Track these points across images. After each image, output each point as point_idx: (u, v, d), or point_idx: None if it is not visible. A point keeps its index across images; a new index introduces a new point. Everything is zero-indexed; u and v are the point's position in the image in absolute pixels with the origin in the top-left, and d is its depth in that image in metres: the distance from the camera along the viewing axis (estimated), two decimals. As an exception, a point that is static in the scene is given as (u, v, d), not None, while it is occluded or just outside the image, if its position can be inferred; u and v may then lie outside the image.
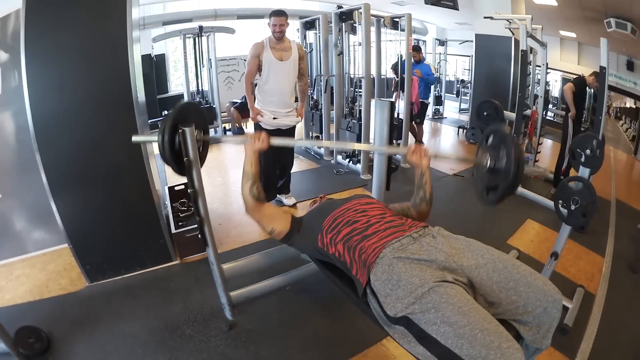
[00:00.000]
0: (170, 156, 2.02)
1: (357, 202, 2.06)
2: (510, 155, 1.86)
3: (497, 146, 1.99)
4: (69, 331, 2.59)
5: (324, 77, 6.05)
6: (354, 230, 1.84)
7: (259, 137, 2.20)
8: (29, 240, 3.47)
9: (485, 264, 1.58)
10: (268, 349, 2.50)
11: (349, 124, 5.81)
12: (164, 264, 3.31)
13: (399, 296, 1.48)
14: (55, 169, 2.74)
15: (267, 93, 3.93)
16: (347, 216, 1.95)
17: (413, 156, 2.10)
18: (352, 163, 5.89)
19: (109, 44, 2.76)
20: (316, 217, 2.12)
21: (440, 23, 11.44)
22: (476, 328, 1.30)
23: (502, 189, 1.93)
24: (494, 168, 1.99)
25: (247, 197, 2.19)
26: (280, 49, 3.82)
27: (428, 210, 2.17)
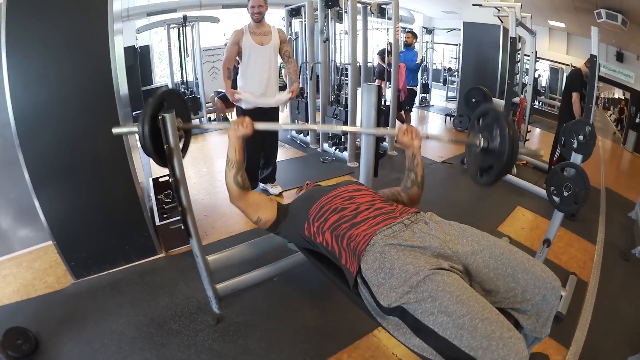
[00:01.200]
0: (152, 147, 1.97)
1: (344, 188, 2.01)
2: (504, 133, 1.83)
3: (490, 125, 1.95)
4: (56, 330, 2.54)
5: (309, 65, 6.02)
6: (341, 217, 1.78)
7: (243, 122, 2.11)
8: (15, 239, 3.41)
9: (482, 251, 1.52)
10: (257, 342, 2.45)
11: (335, 111, 5.78)
12: (149, 258, 3.26)
13: (393, 285, 1.42)
14: (38, 164, 2.68)
15: (248, 78, 3.87)
16: (334, 203, 1.88)
17: (404, 137, 2.08)
18: (339, 151, 5.87)
19: (90, 36, 2.69)
20: (303, 204, 2.06)
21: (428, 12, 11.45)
22: (476, 317, 1.24)
23: (497, 169, 1.91)
24: (487, 148, 1.95)
25: (231, 186, 2.12)
26: (260, 34, 3.76)
27: (419, 194, 2.14)
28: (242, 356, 2.35)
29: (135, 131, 1.99)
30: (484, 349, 1.19)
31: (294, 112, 6.66)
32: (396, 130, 2.10)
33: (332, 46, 5.95)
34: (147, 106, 1.97)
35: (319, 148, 6.32)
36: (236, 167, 2.11)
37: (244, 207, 2.17)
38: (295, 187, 4.33)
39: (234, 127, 2.11)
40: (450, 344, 1.26)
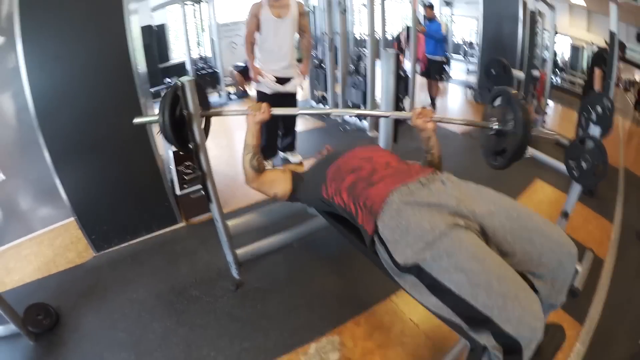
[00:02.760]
0: (172, 135, 2.02)
1: (361, 149, 2.01)
2: (519, 117, 1.83)
3: (504, 109, 1.95)
4: (76, 304, 2.60)
5: (327, 36, 5.95)
6: (358, 177, 1.78)
7: (260, 107, 2.12)
8: (36, 219, 3.45)
9: (499, 212, 1.48)
10: (275, 307, 2.49)
11: (354, 81, 5.73)
12: (169, 227, 3.31)
13: (409, 242, 1.41)
14: (57, 143, 2.71)
15: (267, 51, 3.86)
16: (350, 164, 1.88)
17: (418, 119, 2.02)
18: (359, 120, 5.84)
19: (106, 16, 2.70)
20: (320, 167, 2.07)
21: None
22: (492, 276, 1.24)
23: (511, 153, 1.92)
24: (501, 131, 1.95)
25: (247, 169, 2.15)
26: (278, 7, 3.72)
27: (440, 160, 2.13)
28: (260, 321, 2.39)
29: (155, 120, 2.03)
30: (499, 308, 1.19)
31: (313, 82, 6.59)
32: (410, 113, 2.05)
33: (351, 18, 5.88)
34: (166, 96, 2.00)
35: (339, 118, 6.26)
36: (253, 152, 2.13)
37: (259, 187, 2.21)
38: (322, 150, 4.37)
39: (252, 113, 2.12)
40: (466, 303, 1.26)
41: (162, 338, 2.32)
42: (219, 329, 2.36)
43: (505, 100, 1.98)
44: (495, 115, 2.00)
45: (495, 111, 2.02)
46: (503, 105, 1.98)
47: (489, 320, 1.22)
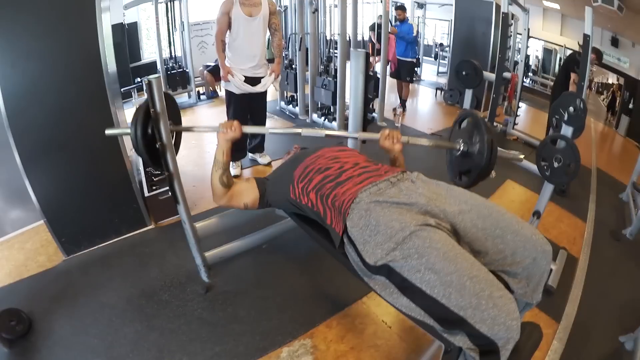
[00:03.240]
0: (144, 149, 2.02)
1: (328, 149, 1.99)
2: (484, 140, 1.83)
3: (471, 131, 1.97)
4: (49, 309, 2.54)
5: (298, 36, 5.94)
6: (326, 177, 1.76)
7: (232, 125, 2.07)
8: (7, 221, 3.37)
9: (469, 210, 1.48)
10: (246, 310, 2.46)
11: (324, 82, 5.71)
12: (138, 230, 3.26)
13: (378, 242, 1.40)
14: (27, 143, 2.65)
15: (237, 50, 3.82)
16: (318, 164, 1.86)
17: (386, 141, 2.02)
18: (328, 121, 5.87)
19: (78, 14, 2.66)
20: (287, 168, 2.05)
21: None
22: (464, 275, 1.22)
23: (475, 174, 1.94)
24: (467, 152, 1.98)
25: (216, 186, 2.07)
26: (249, 5, 3.68)
27: None
28: (231, 324, 2.36)
29: (127, 132, 2.02)
30: (473, 308, 1.18)
31: (283, 83, 6.57)
32: (378, 134, 2.05)
33: (322, 18, 5.90)
34: (139, 110, 1.99)
35: (308, 118, 6.28)
36: (222, 169, 2.06)
37: (228, 202, 2.14)
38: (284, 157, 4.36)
39: (223, 131, 2.07)
40: (438, 303, 1.24)
41: (134, 343, 2.27)
42: (190, 333, 2.32)
43: (472, 123, 1.99)
44: (461, 136, 2.02)
45: (462, 132, 2.04)
46: (470, 127, 2.00)
47: (463, 321, 1.20)
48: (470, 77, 4.90)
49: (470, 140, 1.95)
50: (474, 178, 1.96)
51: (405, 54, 6.78)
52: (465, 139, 1.98)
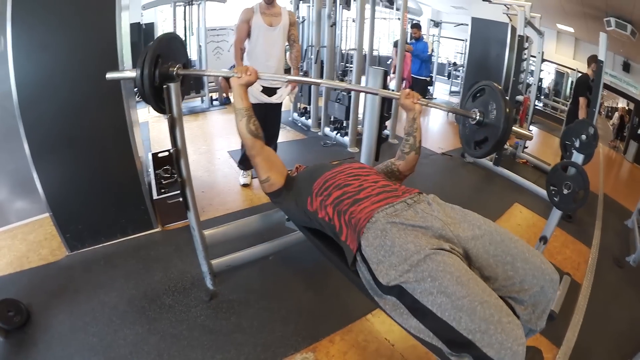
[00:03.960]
0: (150, 92, 1.93)
1: (349, 166, 1.98)
2: (501, 109, 1.95)
3: (485, 101, 2.07)
4: (48, 303, 2.53)
5: (315, 48, 5.99)
6: (345, 193, 1.76)
7: (247, 70, 2.04)
8: (11, 211, 3.38)
9: (482, 236, 1.49)
10: (249, 320, 2.44)
11: (338, 96, 5.75)
12: (145, 232, 3.25)
13: (393, 263, 1.40)
14: (37, 135, 2.65)
15: (255, 58, 3.80)
16: (338, 179, 1.86)
17: (407, 99, 2.09)
18: (340, 135, 5.88)
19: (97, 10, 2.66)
20: (306, 180, 2.03)
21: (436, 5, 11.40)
22: (475, 300, 1.22)
23: (493, 141, 2.04)
24: (483, 122, 2.08)
25: (245, 136, 2.05)
26: (270, 15, 3.70)
27: (416, 160, 2.17)
28: (234, 334, 2.35)
29: (132, 76, 1.92)
30: (481, 332, 1.18)
31: (297, 95, 6.61)
32: (399, 93, 2.12)
33: (339, 32, 5.94)
34: (148, 49, 1.90)
35: (320, 132, 6.32)
36: (246, 115, 2.04)
37: (260, 160, 2.10)
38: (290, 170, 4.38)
39: (238, 75, 2.03)
40: (448, 326, 1.24)
41: (133, 345, 2.26)
42: (192, 339, 2.31)
43: (489, 92, 2.07)
44: (476, 106, 2.12)
45: (475, 103, 2.14)
46: (485, 97, 2.08)
47: (471, 344, 1.20)
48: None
49: (486, 110, 2.04)
50: (491, 146, 2.06)
51: (420, 72, 6.82)
52: (481, 108, 2.08)
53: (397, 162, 2.18)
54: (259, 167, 2.12)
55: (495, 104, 1.99)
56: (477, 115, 2.07)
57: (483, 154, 2.17)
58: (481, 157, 2.17)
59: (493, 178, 5.13)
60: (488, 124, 2.03)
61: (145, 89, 1.90)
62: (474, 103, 2.15)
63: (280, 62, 3.94)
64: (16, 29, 2.42)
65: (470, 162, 5.54)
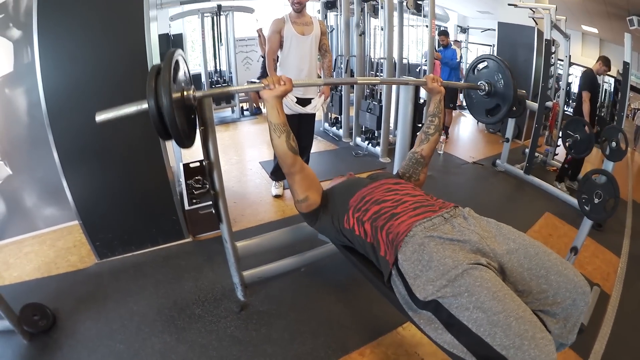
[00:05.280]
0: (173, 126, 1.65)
1: (385, 181, 1.97)
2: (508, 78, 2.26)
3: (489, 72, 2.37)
4: (75, 309, 2.57)
5: (344, 58, 5.99)
6: (382, 208, 1.75)
7: (279, 80, 1.88)
8: (39, 217, 3.45)
9: (517, 250, 1.48)
10: (279, 332, 2.44)
11: (369, 106, 5.72)
12: (175, 242, 3.28)
13: (430, 278, 1.40)
14: (67, 144, 2.70)
15: (288, 69, 3.80)
16: (375, 195, 1.86)
17: (433, 83, 2.24)
18: (372, 145, 5.85)
19: (126, 21, 2.71)
20: (342, 195, 2.02)
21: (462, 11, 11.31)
22: (511, 316, 1.22)
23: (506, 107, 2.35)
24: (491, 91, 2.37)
25: (286, 153, 1.89)
26: (301, 24, 3.70)
27: (438, 140, 2.28)
28: (263, 345, 2.35)
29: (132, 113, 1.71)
30: (515, 349, 1.17)
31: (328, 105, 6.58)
32: (424, 79, 2.27)
33: (368, 40, 5.94)
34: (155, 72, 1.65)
35: (351, 142, 6.31)
36: (285, 131, 1.88)
37: (299, 178, 1.98)
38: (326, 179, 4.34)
39: (271, 87, 1.86)
40: (483, 342, 1.24)
41: (160, 354, 2.27)
42: (221, 350, 2.31)
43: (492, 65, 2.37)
44: (480, 79, 2.40)
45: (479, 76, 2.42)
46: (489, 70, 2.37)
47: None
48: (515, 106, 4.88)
49: (492, 80, 2.32)
50: (505, 112, 2.35)
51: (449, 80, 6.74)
52: (487, 80, 2.35)
53: (419, 149, 2.24)
54: (297, 186, 2.01)
55: (501, 74, 2.28)
56: (486, 86, 2.35)
57: (498, 119, 2.49)
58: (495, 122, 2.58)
59: (524, 187, 5.06)
60: (497, 93, 2.32)
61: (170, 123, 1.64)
62: (477, 76, 2.42)
63: (313, 71, 3.94)
64: (43, 40, 2.47)
65: (502, 171, 5.48)
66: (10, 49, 3.04)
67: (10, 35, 3.02)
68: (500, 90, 2.29)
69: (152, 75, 1.64)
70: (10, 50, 3.04)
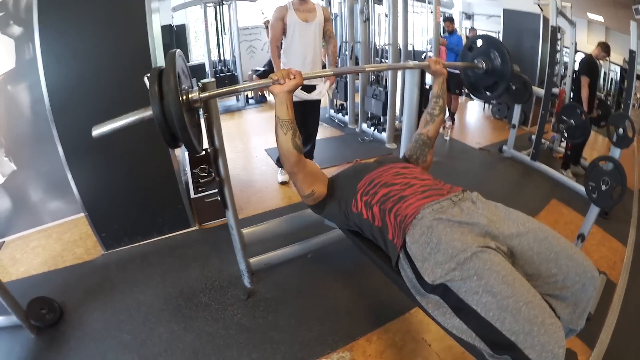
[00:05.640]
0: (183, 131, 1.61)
1: (392, 165, 1.95)
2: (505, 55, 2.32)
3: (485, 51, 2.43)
4: (82, 301, 2.58)
5: (349, 44, 5.97)
6: (390, 192, 1.73)
7: (289, 73, 1.78)
8: (45, 211, 3.47)
9: (527, 233, 1.47)
10: (286, 318, 2.45)
11: (374, 92, 5.68)
12: (182, 230, 3.29)
13: (439, 261, 1.38)
14: (71, 137, 2.70)
15: (292, 56, 3.78)
16: (384, 178, 1.83)
17: (437, 65, 2.25)
18: (378, 131, 5.82)
19: (127, 14, 2.70)
20: (350, 179, 1.98)
21: (467, -3, 11.24)
22: (520, 300, 1.21)
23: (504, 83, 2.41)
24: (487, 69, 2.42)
25: (291, 152, 1.81)
26: (304, 11, 3.67)
27: (443, 119, 2.33)
28: (270, 332, 2.36)
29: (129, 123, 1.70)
30: (525, 334, 1.17)
31: (333, 91, 6.53)
32: (426, 62, 2.28)
33: (373, 27, 5.91)
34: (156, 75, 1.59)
35: (357, 128, 6.28)
36: (292, 128, 1.80)
37: (303, 176, 1.92)
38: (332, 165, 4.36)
39: (281, 82, 1.76)
40: (492, 326, 1.23)
41: (168, 343, 2.29)
42: (228, 338, 2.32)
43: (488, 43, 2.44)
44: (475, 57, 2.46)
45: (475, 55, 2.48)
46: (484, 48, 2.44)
47: (513, 346, 1.19)
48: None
49: (489, 58, 2.38)
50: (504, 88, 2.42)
51: None
52: (483, 58, 2.41)
53: (424, 130, 2.24)
54: (302, 183, 1.96)
55: (497, 52, 2.34)
56: (484, 64, 2.40)
57: (496, 96, 2.54)
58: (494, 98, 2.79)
59: (531, 173, 5.02)
60: (495, 70, 2.36)
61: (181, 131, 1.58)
62: (472, 55, 2.49)
63: (318, 58, 3.90)
64: (44, 36, 2.46)
65: (508, 157, 5.44)
66: (12, 46, 3.03)
67: (11, 32, 3.01)
68: (498, 66, 2.35)
69: (154, 79, 1.56)
70: (11, 47, 3.03)
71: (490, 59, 2.38)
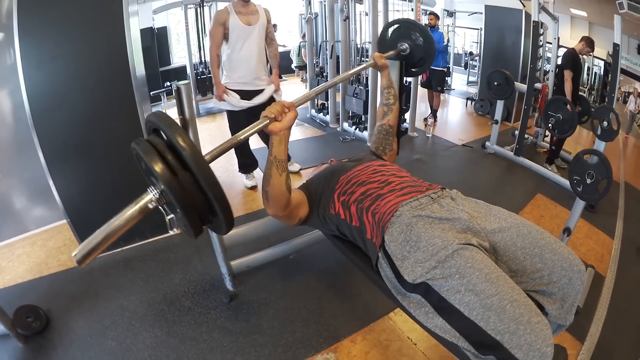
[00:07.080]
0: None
1: (370, 162, 1.92)
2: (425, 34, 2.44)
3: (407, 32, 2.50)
4: (67, 308, 2.55)
5: (329, 43, 5.96)
6: (368, 190, 1.70)
7: (283, 108, 1.58)
8: (30, 219, 3.44)
9: (509, 228, 1.45)
10: (270, 321, 2.43)
11: (355, 90, 5.67)
12: (163, 234, 3.24)
13: (419, 259, 1.35)
14: (52, 143, 2.68)
15: (237, 62, 3.63)
16: (361, 177, 1.80)
17: (382, 60, 2.30)
18: (359, 130, 5.83)
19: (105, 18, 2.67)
20: (326, 182, 1.91)
21: (448, -6, 11.27)
22: (505, 299, 1.18)
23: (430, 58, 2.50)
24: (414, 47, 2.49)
25: (282, 193, 1.66)
26: (247, 13, 3.51)
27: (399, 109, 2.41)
28: (254, 335, 2.34)
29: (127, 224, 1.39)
30: (510, 333, 1.14)
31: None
32: (371, 61, 2.34)
33: (353, 26, 5.90)
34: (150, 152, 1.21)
35: (338, 127, 6.28)
36: (286, 169, 1.65)
37: (289, 213, 1.78)
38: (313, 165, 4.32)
39: (278, 119, 1.57)
40: (475, 326, 1.20)
41: (152, 348, 2.26)
42: (211, 342, 2.30)
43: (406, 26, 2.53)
44: (398, 41, 2.52)
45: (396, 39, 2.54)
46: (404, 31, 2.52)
47: (499, 345, 1.16)
48: (502, 87, 4.89)
49: (411, 39, 2.48)
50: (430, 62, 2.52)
51: (436, 63, 6.67)
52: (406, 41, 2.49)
53: (385, 120, 2.33)
54: (289, 220, 1.83)
55: (418, 33, 2.45)
56: (407, 46, 2.49)
57: (424, 70, 2.62)
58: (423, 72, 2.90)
59: (514, 169, 5.05)
60: (420, 47, 2.46)
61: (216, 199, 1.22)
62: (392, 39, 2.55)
63: (262, 61, 3.77)
64: (24, 41, 2.44)
65: (491, 153, 5.47)
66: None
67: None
68: (422, 44, 2.44)
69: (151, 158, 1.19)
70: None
71: (412, 40, 2.48)
